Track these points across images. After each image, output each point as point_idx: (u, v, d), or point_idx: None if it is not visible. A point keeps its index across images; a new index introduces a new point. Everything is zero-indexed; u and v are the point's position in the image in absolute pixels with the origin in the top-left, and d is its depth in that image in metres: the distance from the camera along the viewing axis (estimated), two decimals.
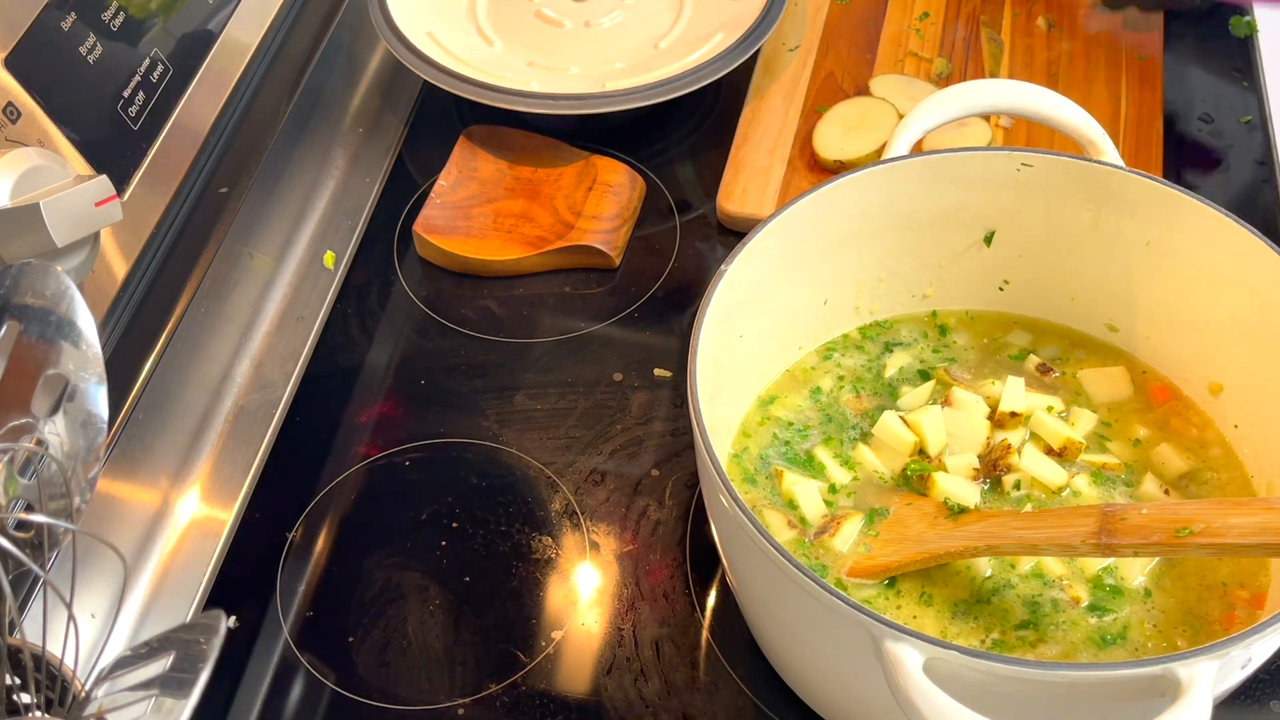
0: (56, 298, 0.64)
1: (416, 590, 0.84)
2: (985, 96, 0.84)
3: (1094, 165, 0.79)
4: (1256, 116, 1.10)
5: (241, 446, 0.92)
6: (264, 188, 1.03)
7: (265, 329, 0.99)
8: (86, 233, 0.74)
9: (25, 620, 0.72)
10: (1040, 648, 0.71)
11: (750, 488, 0.79)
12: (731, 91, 1.14)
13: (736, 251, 0.75)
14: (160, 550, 0.87)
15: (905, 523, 0.76)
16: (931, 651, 0.57)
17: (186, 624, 0.64)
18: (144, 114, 0.86)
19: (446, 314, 1.00)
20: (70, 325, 0.64)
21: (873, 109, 1.08)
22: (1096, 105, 1.09)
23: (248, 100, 1.00)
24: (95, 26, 0.82)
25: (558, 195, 1.06)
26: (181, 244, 0.92)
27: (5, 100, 0.75)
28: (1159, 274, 0.81)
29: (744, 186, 1.05)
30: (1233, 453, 0.80)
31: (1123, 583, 0.73)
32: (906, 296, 0.88)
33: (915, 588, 0.73)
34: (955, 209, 0.83)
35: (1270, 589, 0.72)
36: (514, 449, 0.92)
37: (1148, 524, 0.65)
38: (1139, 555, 0.67)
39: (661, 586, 0.84)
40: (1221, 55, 1.16)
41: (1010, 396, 0.80)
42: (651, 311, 1.00)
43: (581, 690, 0.79)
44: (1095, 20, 1.16)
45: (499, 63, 1.12)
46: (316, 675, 0.81)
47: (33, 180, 0.72)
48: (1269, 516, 0.62)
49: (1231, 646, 0.57)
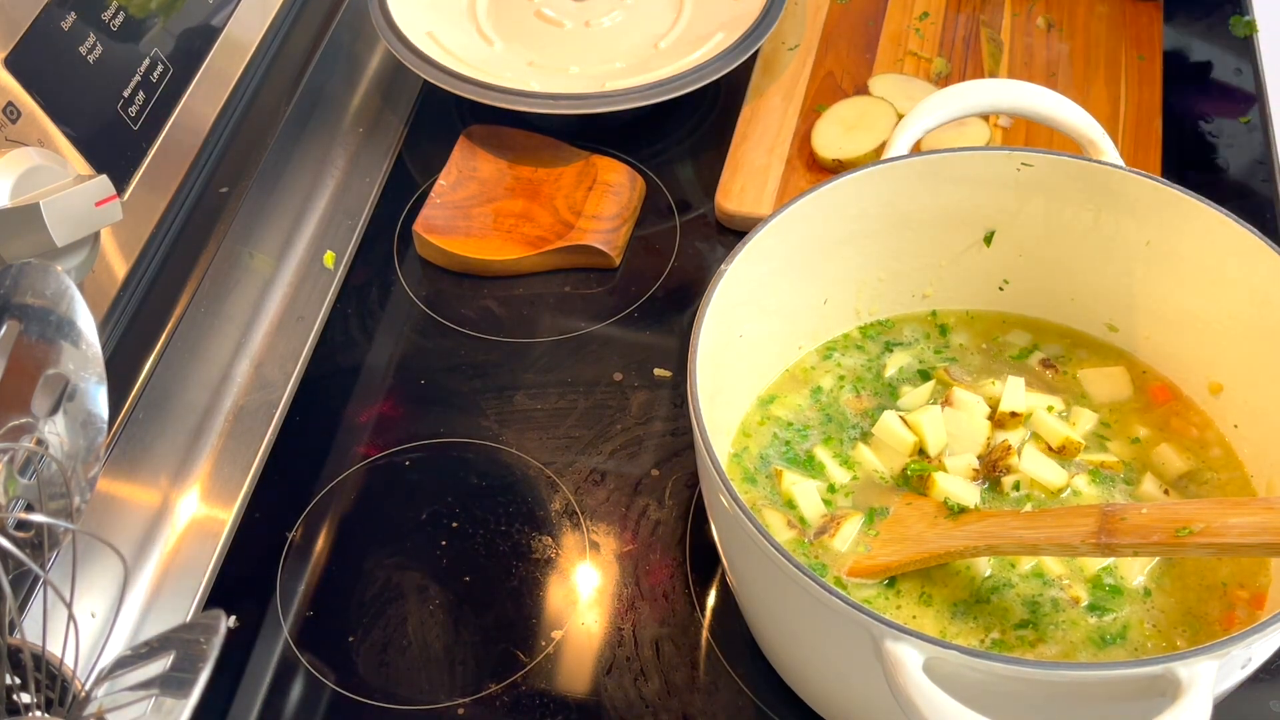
0: (56, 298, 0.64)
1: (416, 590, 0.84)
2: (985, 96, 0.84)
3: (1094, 165, 0.79)
4: (1256, 117, 1.10)
5: (241, 446, 0.92)
6: (264, 188, 1.03)
7: (265, 329, 0.99)
8: (86, 233, 0.74)
9: (25, 620, 0.71)
10: (1040, 647, 0.71)
11: (750, 487, 0.79)
12: (732, 91, 1.14)
13: (736, 251, 0.75)
14: (160, 550, 0.87)
15: (905, 523, 0.76)
16: (931, 651, 0.57)
17: (186, 624, 0.64)
18: (144, 114, 0.86)
19: (446, 314, 1.00)
20: (70, 325, 0.64)
21: (871, 108, 1.08)
22: (1096, 105, 1.09)
23: (248, 100, 1.00)
24: (95, 26, 0.82)
25: (558, 195, 1.06)
26: (181, 244, 0.92)
27: (5, 100, 0.75)
28: (1159, 274, 0.81)
29: (742, 185, 1.05)
30: (1233, 453, 0.80)
31: (1122, 582, 0.73)
32: (906, 296, 0.88)
33: (915, 587, 0.73)
34: (955, 209, 0.83)
35: (1270, 589, 0.72)
36: (514, 449, 0.92)
37: (1147, 524, 0.65)
38: (1139, 555, 0.67)
39: (661, 586, 0.84)
40: (1221, 55, 1.16)
41: (1010, 396, 0.80)
42: (651, 311, 1.00)
43: (581, 690, 0.79)
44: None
45: (499, 62, 1.12)
46: (316, 675, 0.81)
47: (33, 180, 0.72)
48: (1269, 516, 0.62)
49: (1232, 646, 0.57)
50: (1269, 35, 1.18)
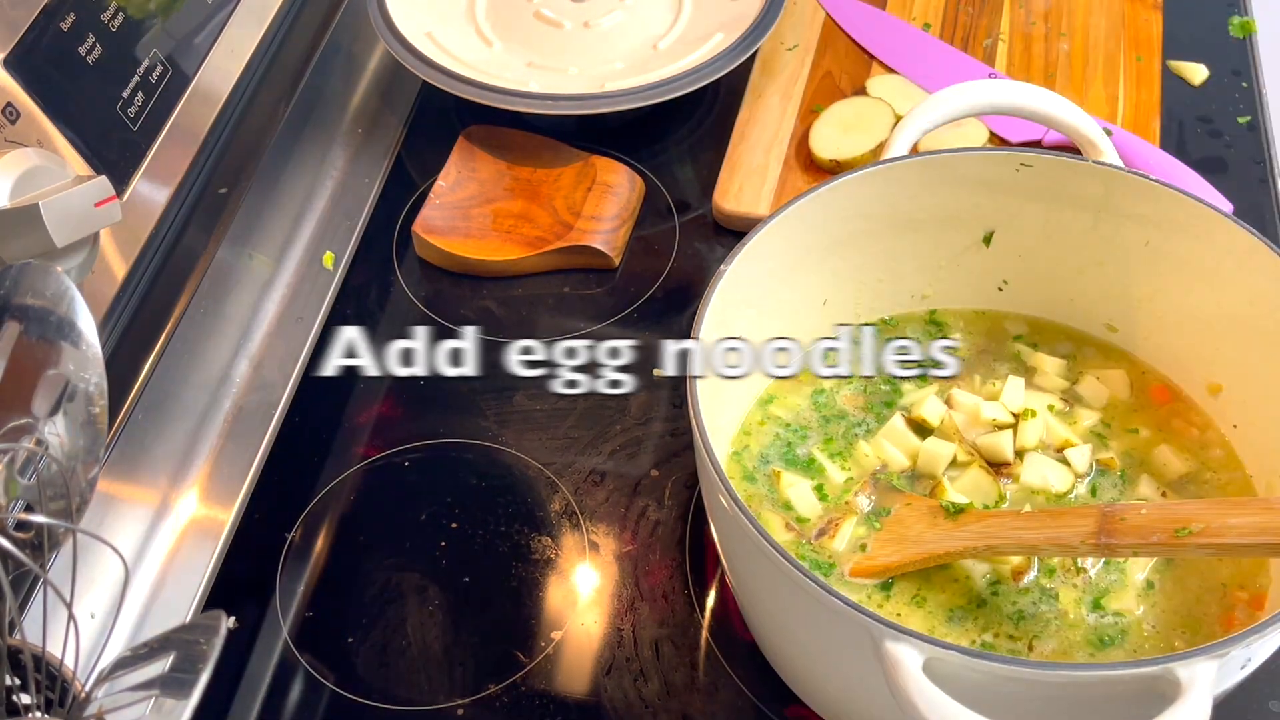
0: (56, 298, 0.64)
1: (416, 591, 0.84)
2: (984, 97, 0.84)
3: (1093, 165, 0.79)
4: (1255, 117, 1.10)
5: (241, 447, 0.92)
6: (264, 188, 1.03)
7: (265, 329, 0.99)
8: (86, 233, 0.74)
9: (25, 620, 0.71)
10: (1038, 648, 0.71)
11: (750, 485, 0.79)
12: (731, 91, 1.14)
13: (736, 251, 0.75)
14: (160, 550, 0.87)
15: (905, 523, 0.76)
16: (931, 651, 0.57)
17: (186, 624, 0.64)
18: (144, 114, 0.86)
19: (446, 314, 1.00)
20: (70, 326, 0.64)
21: (869, 109, 1.08)
22: (1094, 106, 1.09)
23: (247, 100, 1.00)
24: (95, 27, 0.82)
25: (557, 195, 1.06)
26: (181, 244, 0.92)
27: (5, 100, 0.75)
28: (1158, 274, 0.81)
29: (740, 185, 1.05)
30: (1233, 453, 0.80)
31: (1121, 583, 0.73)
32: (906, 296, 0.88)
33: (911, 588, 0.73)
34: (954, 209, 0.83)
35: (1270, 590, 0.72)
36: (513, 449, 0.92)
37: (1147, 524, 0.65)
38: (1138, 555, 0.67)
39: (661, 587, 0.84)
40: (1220, 55, 1.16)
41: (1010, 396, 0.80)
42: (651, 311, 1.00)
43: (581, 691, 0.79)
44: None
45: (498, 63, 1.12)
46: (316, 675, 0.81)
47: (32, 180, 0.72)
48: (1269, 516, 0.62)
49: (1231, 646, 0.57)
50: (1267, 35, 1.19)
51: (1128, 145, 1.03)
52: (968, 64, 1.14)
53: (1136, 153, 1.03)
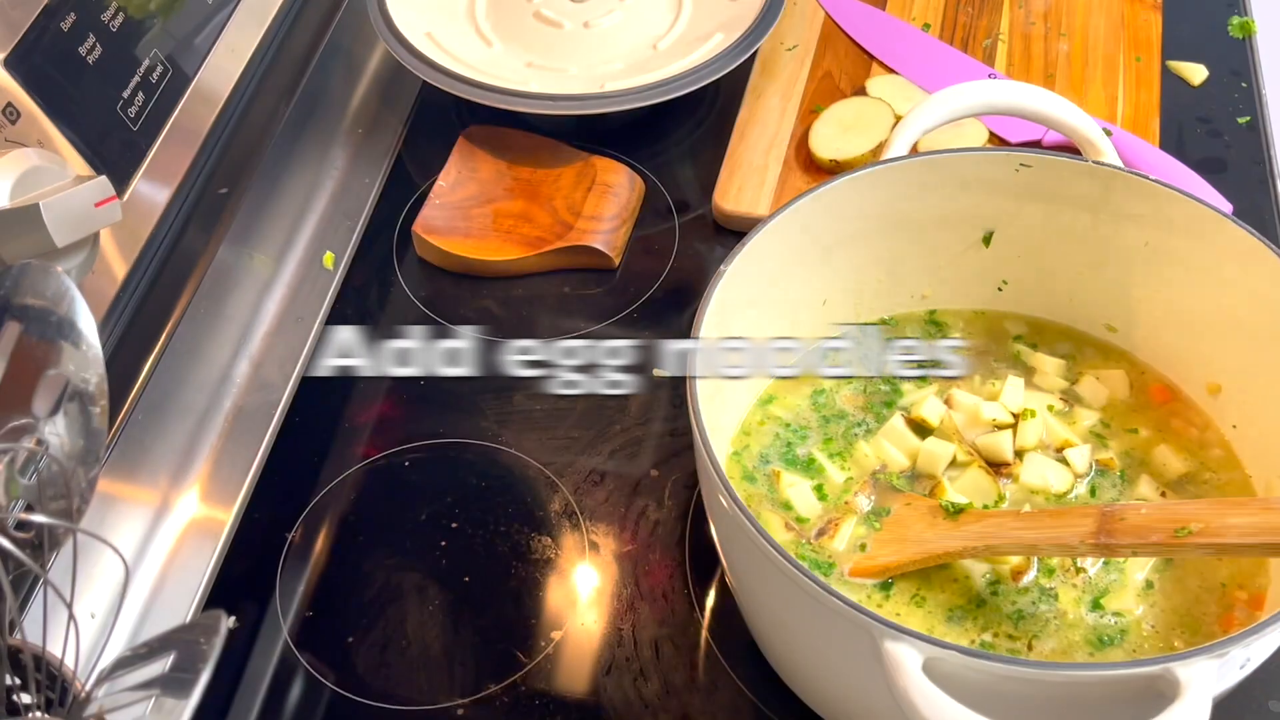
0: (57, 298, 0.64)
1: (416, 590, 0.84)
2: (984, 97, 0.84)
3: (1092, 166, 0.79)
4: (1255, 117, 1.10)
5: (241, 447, 0.92)
6: (264, 188, 1.03)
7: (265, 329, 0.99)
8: (86, 233, 0.74)
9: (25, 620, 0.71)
10: (1038, 648, 0.71)
11: (750, 485, 0.79)
12: (730, 91, 1.14)
13: (736, 251, 0.75)
14: (160, 550, 0.87)
15: (905, 523, 0.76)
16: (931, 651, 0.57)
17: (186, 624, 0.64)
18: (144, 114, 0.86)
19: (446, 314, 1.00)
20: (70, 326, 0.64)
21: (869, 109, 1.08)
22: (1094, 106, 1.09)
23: (247, 101, 1.00)
24: (95, 27, 0.82)
25: (557, 196, 1.06)
26: (181, 244, 0.92)
27: (5, 100, 0.75)
28: (1158, 274, 0.81)
29: (739, 185, 1.05)
30: (1232, 453, 0.80)
31: (1120, 583, 0.73)
32: (905, 297, 0.88)
33: (911, 588, 0.73)
34: (954, 209, 0.83)
35: (1269, 590, 0.72)
36: (513, 449, 0.92)
37: (1147, 524, 0.65)
38: (1138, 555, 0.67)
39: (661, 587, 0.84)
40: (1220, 55, 1.16)
41: (1010, 396, 0.80)
42: (651, 312, 1.00)
43: (581, 691, 0.79)
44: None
45: (498, 63, 1.12)
46: (316, 675, 0.81)
47: (32, 181, 0.72)
48: (1268, 516, 0.62)
49: (1231, 646, 0.57)
50: (1267, 35, 1.19)
51: (1127, 145, 1.03)
52: (967, 64, 1.14)
53: (1136, 153, 1.03)
